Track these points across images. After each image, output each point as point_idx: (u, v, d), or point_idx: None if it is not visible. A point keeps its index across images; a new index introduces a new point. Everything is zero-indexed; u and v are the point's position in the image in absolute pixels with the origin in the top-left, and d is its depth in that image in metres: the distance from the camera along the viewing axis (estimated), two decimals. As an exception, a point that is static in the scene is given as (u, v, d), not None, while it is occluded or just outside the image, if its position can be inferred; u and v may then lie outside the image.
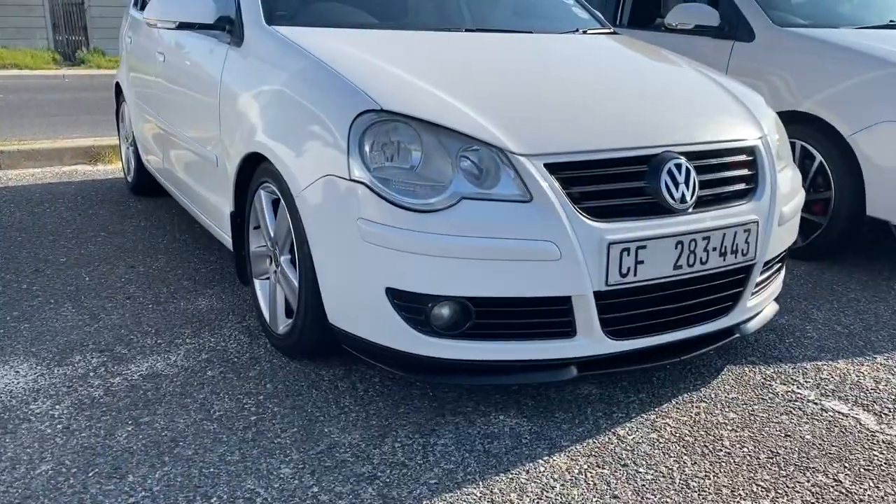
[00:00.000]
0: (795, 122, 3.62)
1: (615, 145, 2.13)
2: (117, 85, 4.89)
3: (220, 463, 1.93)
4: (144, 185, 4.59)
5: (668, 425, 2.15)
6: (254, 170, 2.57)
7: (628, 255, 2.05)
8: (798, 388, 2.40)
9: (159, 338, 2.68)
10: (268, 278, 2.61)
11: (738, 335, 2.42)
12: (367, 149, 2.05)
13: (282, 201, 2.37)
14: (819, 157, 3.62)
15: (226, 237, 2.91)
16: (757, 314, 2.50)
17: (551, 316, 2.07)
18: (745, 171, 2.36)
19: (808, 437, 2.12)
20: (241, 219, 2.75)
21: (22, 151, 5.70)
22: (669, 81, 2.65)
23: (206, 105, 2.96)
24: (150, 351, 2.57)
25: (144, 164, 4.38)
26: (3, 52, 19.37)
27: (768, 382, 2.43)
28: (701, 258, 2.18)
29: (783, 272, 2.71)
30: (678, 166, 2.15)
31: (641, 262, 2.07)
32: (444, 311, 2.06)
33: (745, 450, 2.05)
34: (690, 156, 2.22)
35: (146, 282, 3.24)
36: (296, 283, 2.34)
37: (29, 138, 6.40)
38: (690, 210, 2.17)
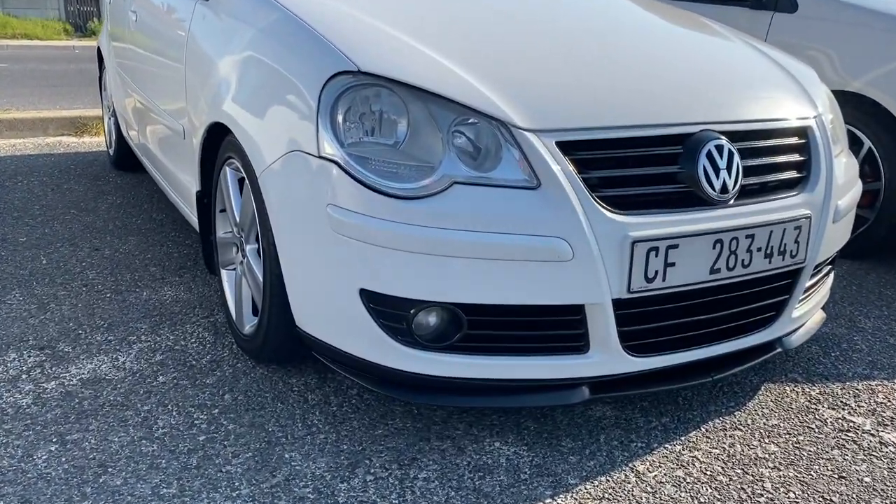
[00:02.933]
0: (842, 104, 3.21)
1: (643, 121, 1.76)
2: (99, 50, 4.54)
3: (151, 498, 1.59)
4: (126, 158, 4.25)
5: (697, 460, 1.80)
6: (220, 143, 2.21)
7: (656, 255, 1.68)
8: (850, 414, 2.03)
9: (111, 334, 2.34)
10: (235, 269, 2.26)
11: (779, 350, 2.05)
12: (340, 119, 1.69)
13: (246, 181, 2.01)
14: (868, 144, 3.23)
15: (195, 219, 2.56)
16: (801, 325, 2.13)
17: (560, 328, 1.71)
18: (796, 157, 1.98)
19: (866, 479, 1.76)
20: (208, 199, 2.40)
21: (3, 121, 5.38)
22: (707, 48, 2.26)
23: (173, 70, 2.61)
24: (97, 350, 2.23)
25: (124, 135, 4.04)
26: (13, 21, 19.09)
27: (814, 406, 2.06)
28: (743, 260, 1.81)
29: (832, 277, 2.33)
30: (719, 148, 1.78)
31: (672, 264, 1.71)
32: (430, 319, 1.70)
33: (792, 495, 1.69)
34: (733, 136, 1.84)
35: (109, 267, 2.91)
36: (261, 278, 1.99)
37: (13, 109, 6.08)
38: (731, 202, 1.80)
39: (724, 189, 1.78)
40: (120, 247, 3.14)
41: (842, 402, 2.10)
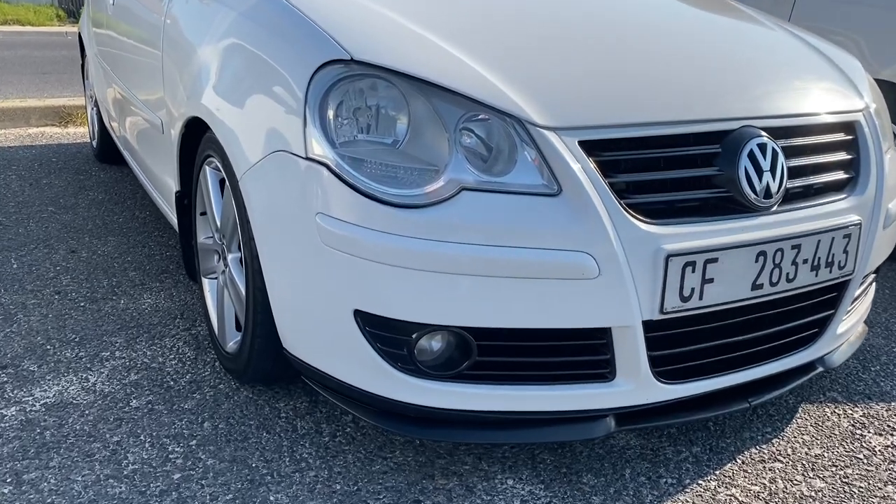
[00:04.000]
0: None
1: (676, 116, 1.54)
2: (80, 37, 4.30)
3: (115, 553, 1.39)
4: (109, 150, 4.02)
5: (736, 499, 1.59)
6: (200, 139, 1.99)
7: (693, 271, 1.47)
8: (900, 441, 1.83)
9: (82, 349, 2.13)
10: (217, 278, 2.05)
11: (820, 370, 1.85)
12: (330, 115, 1.47)
13: (227, 183, 1.80)
14: (900, 136, 3.01)
15: (175, 221, 2.35)
16: (844, 341, 1.92)
17: (583, 353, 1.50)
18: (843, 155, 1.76)
19: (927, 521, 1.56)
20: (188, 200, 2.18)
21: (-17, 111, 5.14)
22: (742, 36, 2.03)
23: (151, 57, 2.38)
24: (65, 368, 2.02)
25: (107, 127, 3.81)
26: (5, 7, 18.78)
27: (859, 432, 1.86)
28: (787, 274, 1.60)
29: (874, 287, 2.12)
30: (762, 147, 1.56)
31: (710, 280, 1.50)
32: (434, 344, 1.49)
33: (846, 543, 1.49)
34: (775, 133, 1.63)
35: (85, 271, 2.69)
36: (243, 292, 1.78)
37: (-4, 97, 5.84)
38: (775, 208, 1.59)
39: (768, 193, 1.56)
40: (98, 248, 2.93)
41: (889, 426, 1.89)
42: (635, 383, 1.52)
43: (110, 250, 2.91)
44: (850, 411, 1.95)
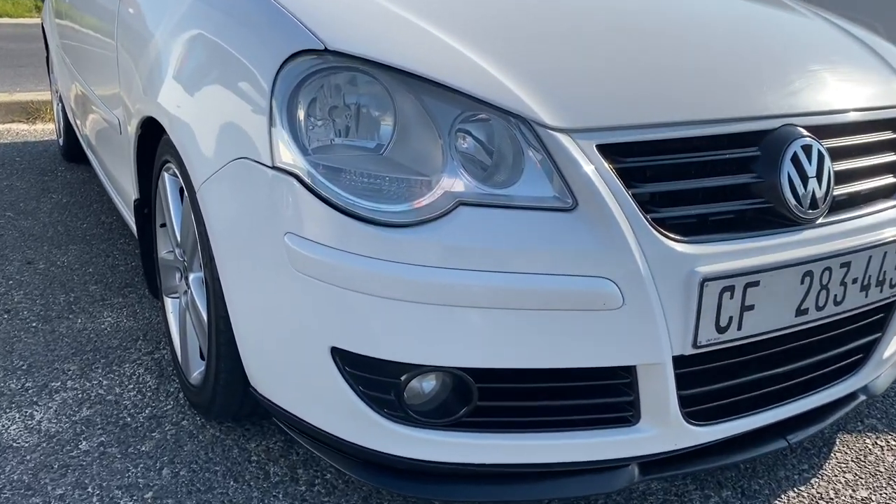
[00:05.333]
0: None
1: (708, 115, 1.32)
2: (43, 28, 4.03)
3: None
4: (76, 148, 3.75)
5: (777, 557, 1.38)
6: (159, 141, 1.75)
7: (731, 297, 1.25)
8: (953, 478, 1.62)
9: (30, 379, 1.89)
10: (179, 298, 1.81)
11: (863, 398, 1.63)
12: (301, 116, 1.23)
13: (185, 194, 1.56)
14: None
15: (135, 232, 2.11)
16: (889, 366, 1.71)
17: (602, 395, 1.28)
18: (892, 156, 1.55)
19: None
20: (149, 209, 1.94)
21: (-55, 107, 4.86)
22: (778, 25, 1.79)
23: (106, 48, 2.13)
24: (7, 403, 1.78)
25: (72, 124, 3.55)
26: (-18, -1, 18.34)
27: (906, 468, 1.65)
28: (835, 296, 1.38)
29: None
30: (806, 149, 1.34)
31: (750, 307, 1.27)
32: (426, 385, 1.26)
33: None
34: (819, 132, 1.40)
35: (41, 285, 2.44)
36: (206, 318, 1.54)
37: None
38: (821, 219, 1.37)
39: (814, 203, 1.34)
40: (58, 259, 2.68)
41: (938, 460, 1.69)
42: (662, 427, 1.30)
43: (70, 261, 2.66)
44: (893, 443, 1.74)
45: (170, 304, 1.88)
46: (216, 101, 1.40)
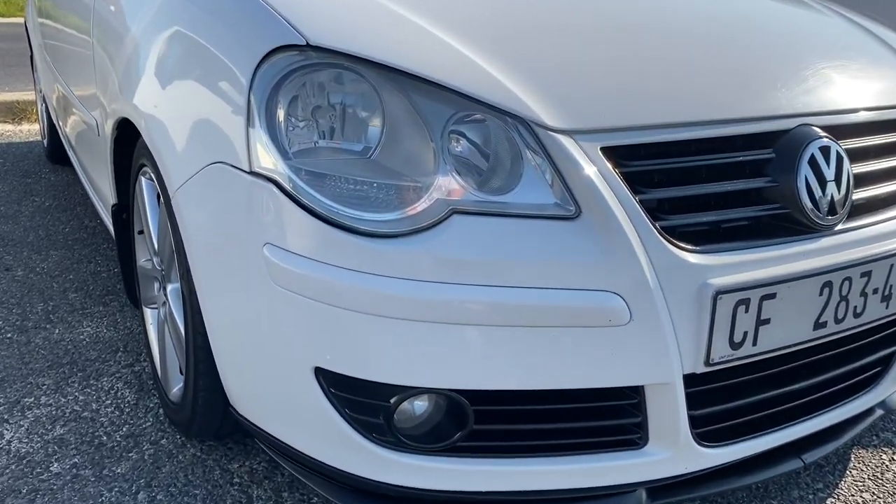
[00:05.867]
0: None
1: (720, 114, 1.23)
2: (26, 27, 3.92)
3: None
4: (61, 149, 3.65)
5: (794, 586, 1.29)
6: (136, 143, 1.65)
7: (746, 310, 1.16)
8: (975, 497, 1.54)
9: (1, 395, 1.79)
10: (158, 310, 1.72)
11: (880, 413, 1.55)
12: (281, 116, 1.14)
13: (161, 200, 1.47)
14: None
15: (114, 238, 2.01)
16: (906, 377, 1.62)
17: (607, 417, 1.19)
18: (911, 157, 1.46)
19: None
20: (127, 215, 1.85)
21: (-72, 108, 4.75)
22: (793, 20, 1.69)
23: (82, 45, 2.04)
24: (-24, 421, 1.69)
25: (55, 124, 3.45)
26: (-26, -2, 18.21)
27: (926, 486, 1.57)
28: (855, 308, 1.29)
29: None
30: (824, 151, 1.25)
31: (766, 321, 1.19)
32: (418, 406, 1.17)
33: None
34: (837, 132, 1.32)
35: (18, 293, 2.34)
36: (183, 333, 1.45)
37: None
38: (840, 226, 1.28)
39: (832, 209, 1.25)
40: (38, 265, 2.58)
41: (959, 477, 1.60)
42: (672, 449, 1.21)
43: (51, 267, 2.56)
44: (910, 458, 1.65)
45: (149, 314, 1.79)
46: (193, 102, 1.31)
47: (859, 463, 1.63)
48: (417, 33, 1.21)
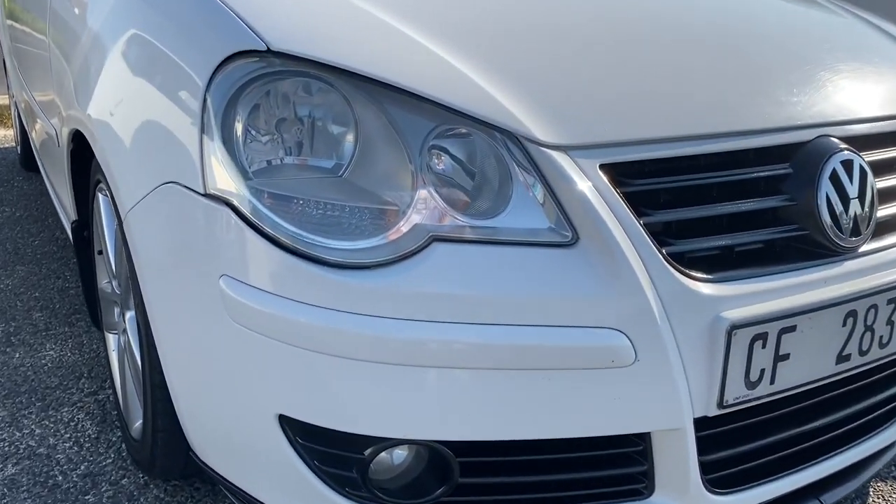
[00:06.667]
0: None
1: (731, 126, 1.10)
2: (-2, 28, 3.77)
3: None
4: (33, 157, 3.50)
5: None
6: (93, 157, 1.52)
7: (763, 346, 1.04)
8: None
9: (-50, 428, 1.66)
10: (119, 336, 1.59)
11: (901, 446, 1.43)
12: (239, 131, 1.01)
13: (116, 222, 1.33)
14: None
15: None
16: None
17: (611, 466, 1.06)
18: (936, 170, 1.34)
19: None
20: (88, 232, 1.72)
21: None
22: (808, 23, 1.55)
23: (40, 47, 1.90)
24: (-80, 459, 1.55)
25: (27, 131, 3.31)
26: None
27: (951, 524, 1.45)
28: (881, 338, 1.17)
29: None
30: (847, 165, 1.13)
31: (785, 357, 1.06)
32: (397, 458, 1.04)
33: None
34: (859, 143, 1.19)
35: (-22, 313, 2.21)
36: (140, 368, 1.32)
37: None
38: (863, 247, 1.16)
39: (856, 229, 1.13)
40: (1, 281, 2.44)
41: None
42: (681, 499, 1.08)
43: (16, 283, 2.42)
44: (932, 491, 1.54)
45: (111, 340, 1.66)
46: (146, 114, 1.18)
47: (879, 497, 1.51)
48: (394, 38, 1.08)
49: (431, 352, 0.93)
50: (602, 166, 1.00)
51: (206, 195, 1.01)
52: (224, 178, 1.00)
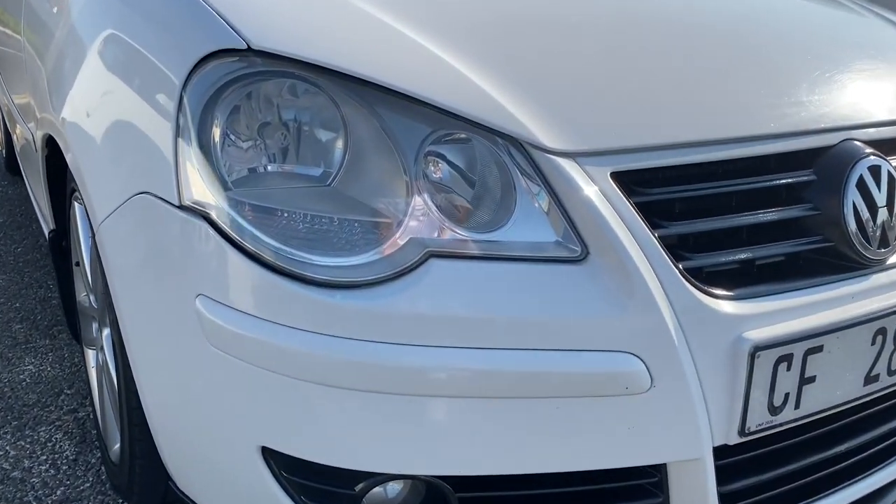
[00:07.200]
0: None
1: (750, 130, 1.02)
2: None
3: None
4: (17, 160, 3.41)
5: None
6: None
7: (788, 368, 0.96)
8: None
9: (-80, 450, 1.57)
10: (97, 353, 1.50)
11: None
12: (216, 136, 0.93)
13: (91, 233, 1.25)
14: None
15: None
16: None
17: (622, 498, 0.98)
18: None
19: None
20: (67, 242, 1.63)
21: None
22: (828, 23, 1.45)
23: (15, 47, 1.81)
24: None
25: (11, 133, 3.22)
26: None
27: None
28: (910, 356, 1.09)
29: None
30: (874, 171, 1.05)
31: (811, 379, 0.98)
32: (392, 491, 0.96)
33: None
34: (885, 147, 1.12)
35: (-45, 325, 2.12)
36: (116, 390, 1.23)
37: None
38: (892, 258, 1.08)
39: (884, 240, 1.05)
40: (-19, 291, 2.35)
41: None
42: (697, 533, 1.00)
43: (-5, 293, 2.33)
44: (956, 513, 1.46)
45: (90, 356, 1.57)
46: (119, 118, 1.09)
47: (900, 520, 1.43)
48: (386, 35, 1.00)
49: (427, 379, 0.84)
50: (613, 174, 0.92)
51: (181, 207, 0.93)
52: (201, 189, 0.92)
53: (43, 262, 2.58)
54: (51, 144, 1.45)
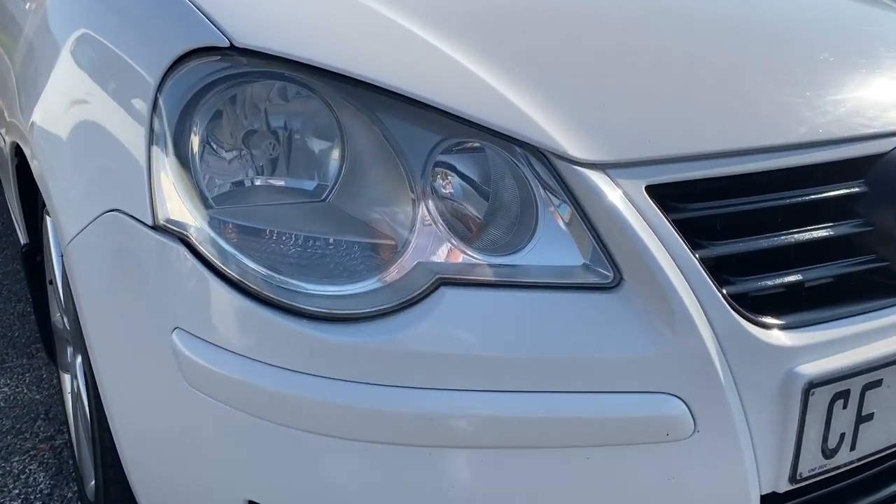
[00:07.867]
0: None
1: (796, 137, 0.91)
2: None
3: None
4: (2, 169, 3.29)
5: None
6: (41, 174, 1.31)
7: (844, 406, 0.85)
8: None
9: None
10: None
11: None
12: (195, 145, 0.81)
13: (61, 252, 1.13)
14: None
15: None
16: None
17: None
18: None
19: None
20: (41, 258, 1.51)
21: None
22: (867, 18, 1.33)
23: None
24: None
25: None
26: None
27: None
28: (970, 387, 0.98)
29: None
30: (932, 182, 0.95)
31: (868, 417, 0.87)
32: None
33: None
34: (939, 155, 1.01)
35: (-73, 344, 1.99)
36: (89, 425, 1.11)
37: None
38: (950, 279, 0.97)
39: (944, 257, 0.95)
40: (-44, 305, 2.23)
41: None
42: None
43: (-28, 309, 2.21)
44: None
45: (67, 381, 1.45)
46: (89, 124, 0.98)
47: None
48: (388, 32, 0.89)
49: (439, 428, 0.73)
50: (649, 188, 0.81)
51: (154, 227, 0.81)
52: (177, 206, 0.80)
53: (23, 275, 2.46)
54: (20, 153, 1.33)
